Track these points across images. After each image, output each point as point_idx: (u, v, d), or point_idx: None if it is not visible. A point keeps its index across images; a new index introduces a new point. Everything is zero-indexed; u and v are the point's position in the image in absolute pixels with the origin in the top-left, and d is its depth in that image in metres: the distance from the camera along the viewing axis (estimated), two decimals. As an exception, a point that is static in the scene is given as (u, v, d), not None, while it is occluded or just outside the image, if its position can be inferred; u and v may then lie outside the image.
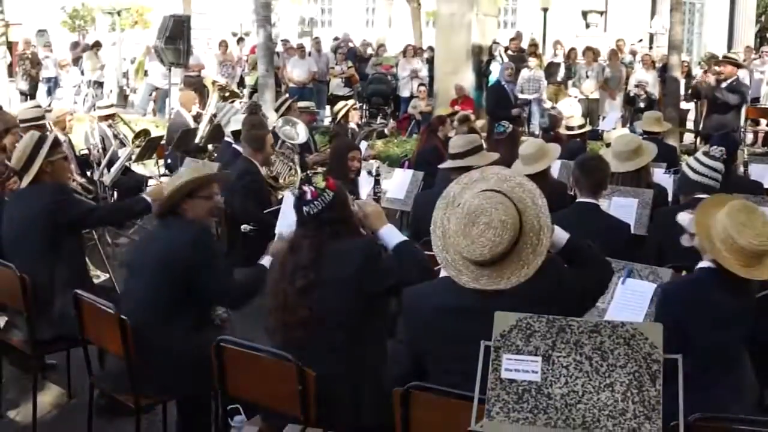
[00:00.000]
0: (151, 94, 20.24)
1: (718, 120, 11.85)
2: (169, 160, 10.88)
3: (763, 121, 15.60)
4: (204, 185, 4.51)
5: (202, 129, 10.92)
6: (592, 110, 16.61)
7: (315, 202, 3.68)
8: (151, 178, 10.84)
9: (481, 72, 17.01)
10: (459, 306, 3.12)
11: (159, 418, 4.71)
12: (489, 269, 3.03)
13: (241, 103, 12.14)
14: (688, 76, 17.18)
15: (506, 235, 2.98)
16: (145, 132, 10.88)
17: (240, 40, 22.49)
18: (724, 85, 11.80)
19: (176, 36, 15.98)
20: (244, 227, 6.46)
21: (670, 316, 3.42)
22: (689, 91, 16.31)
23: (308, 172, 8.69)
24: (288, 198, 6.23)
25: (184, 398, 4.42)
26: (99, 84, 21.07)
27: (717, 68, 13.09)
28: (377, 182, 6.97)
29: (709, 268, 3.61)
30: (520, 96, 16.47)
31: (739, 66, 12.79)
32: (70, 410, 5.20)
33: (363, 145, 9.74)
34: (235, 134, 8.20)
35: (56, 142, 5.42)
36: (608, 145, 7.54)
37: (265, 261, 4.48)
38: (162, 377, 4.19)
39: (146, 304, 4.27)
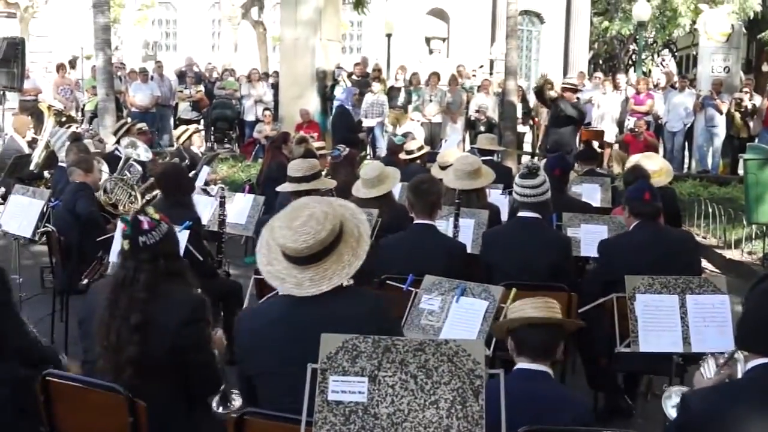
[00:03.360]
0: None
1: (554, 139, 12.42)
2: (2, 188, 10.43)
3: (595, 143, 16.28)
4: None
5: (37, 155, 10.55)
6: (434, 134, 16.98)
7: (153, 233, 3.53)
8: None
9: (326, 96, 17.12)
10: (283, 320, 3.17)
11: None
12: (312, 270, 3.13)
13: (78, 128, 11.80)
14: (524, 100, 17.79)
15: (328, 225, 3.13)
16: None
17: (71, 64, 21.64)
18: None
19: (10, 58, 15.41)
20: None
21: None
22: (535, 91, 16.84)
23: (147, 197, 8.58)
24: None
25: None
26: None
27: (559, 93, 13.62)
28: (222, 204, 6.92)
29: (520, 369, 3.46)
30: (365, 120, 16.66)
31: (576, 91, 13.44)
32: None
33: (205, 169, 9.62)
34: (71, 159, 7.97)
35: None
36: (444, 167, 7.70)
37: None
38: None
39: None
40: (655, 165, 7.64)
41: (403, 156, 9.35)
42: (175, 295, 3.56)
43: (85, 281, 6.43)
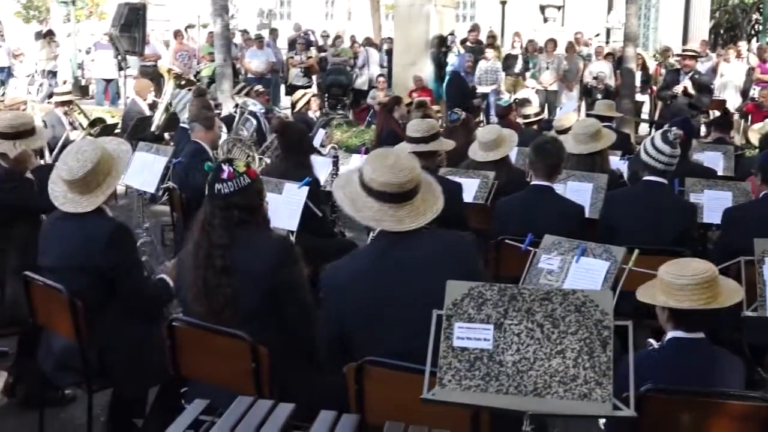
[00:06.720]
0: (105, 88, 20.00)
1: (674, 108, 12.03)
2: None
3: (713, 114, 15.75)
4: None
5: (158, 117, 10.82)
6: (550, 101, 16.70)
7: (229, 183, 3.57)
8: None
9: (440, 63, 17.02)
10: (371, 268, 3.27)
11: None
12: (407, 207, 3.29)
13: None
14: (644, 68, 17.32)
15: (416, 162, 3.37)
16: (101, 120, 10.76)
17: (188, 29, 22.05)
18: (686, 79, 11.93)
19: (131, 24, 15.85)
20: None
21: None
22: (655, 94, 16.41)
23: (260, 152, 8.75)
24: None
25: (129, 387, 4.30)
26: (53, 74, 20.76)
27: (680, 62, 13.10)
28: (335, 164, 6.99)
29: (676, 338, 3.32)
30: (478, 87, 16.52)
31: (696, 58, 12.97)
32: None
33: (321, 132, 9.71)
34: (191, 120, 8.13)
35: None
36: (560, 131, 7.57)
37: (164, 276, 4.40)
38: (112, 364, 4.13)
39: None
40: (786, 132, 7.38)
41: (520, 120, 9.26)
42: (258, 242, 3.62)
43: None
